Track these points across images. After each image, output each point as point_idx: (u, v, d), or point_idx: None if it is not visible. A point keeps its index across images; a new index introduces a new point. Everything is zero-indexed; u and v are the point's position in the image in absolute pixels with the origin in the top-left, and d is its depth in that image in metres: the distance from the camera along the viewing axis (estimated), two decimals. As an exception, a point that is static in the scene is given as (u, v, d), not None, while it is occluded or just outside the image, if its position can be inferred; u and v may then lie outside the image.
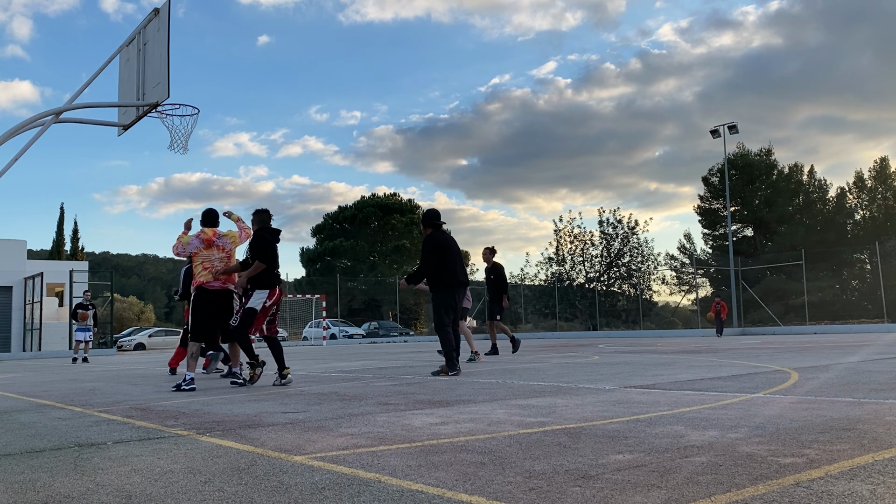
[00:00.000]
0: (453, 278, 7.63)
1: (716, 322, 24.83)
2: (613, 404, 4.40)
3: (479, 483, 2.36)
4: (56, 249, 45.32)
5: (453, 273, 7.63)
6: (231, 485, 2.45)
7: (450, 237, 8.01)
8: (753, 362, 8.18)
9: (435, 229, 7.84)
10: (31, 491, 2.46)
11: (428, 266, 7.67)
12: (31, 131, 8.42)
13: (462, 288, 7.82)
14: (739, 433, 3.16)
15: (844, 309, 35.70)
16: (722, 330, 24.78)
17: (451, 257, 7.71)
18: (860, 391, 4.70)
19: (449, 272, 7.63)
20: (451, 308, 7.67)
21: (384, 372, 8.51)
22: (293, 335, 37.72)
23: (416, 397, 5.22)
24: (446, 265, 7.66)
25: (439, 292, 7.67)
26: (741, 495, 2.09)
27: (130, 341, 36.11)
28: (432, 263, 7.64)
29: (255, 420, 4.17)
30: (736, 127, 32.92)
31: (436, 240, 7.74)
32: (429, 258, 7.66)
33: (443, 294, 7.65)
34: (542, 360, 9.96)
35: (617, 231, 40.14)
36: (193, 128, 9.09)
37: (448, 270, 7.63)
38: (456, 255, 7.80)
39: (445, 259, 7.67)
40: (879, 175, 40.88)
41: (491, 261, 12.09)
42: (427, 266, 7.68)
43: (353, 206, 52.40)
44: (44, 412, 5.08)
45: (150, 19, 8.57)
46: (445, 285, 7.65)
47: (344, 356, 13.00)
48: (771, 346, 13.47)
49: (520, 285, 42.13)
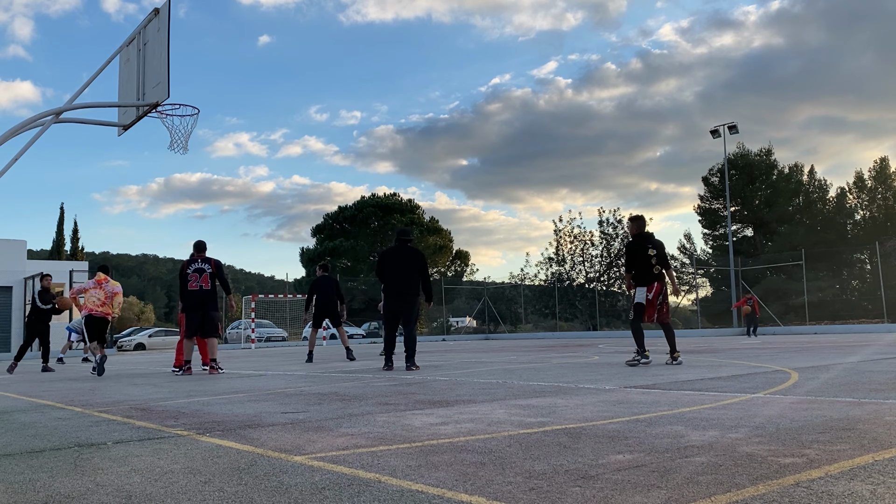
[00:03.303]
0: (389, 288, 8.85)
1: (746, 320, 23.00)
2: (613, 404, 4.40)
3: (479, 483, 2.36)
4: (56, 249, 45.32)
5: (389, 283, 8.86)
6: (231, 485, 2.45)
7: (399, 252, 9.00)
8: (753, 362, 8.18)
9: (396, 244, 9.06)
10: (31, 491, 2.45)
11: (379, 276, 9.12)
12: (31, 131, 8.41)
13: (397, 297, 8.86)
14: (739, 433, 3.16)
15: (844, 309, 35.68)
16: (756, 329, 22.92)
17: (394, 270, 8.84)
18: (860, 391, 4.70)
19: (386, 282, 8.91)
20: (392, 313, 8.91)
21: (384, 372, 8.51)
22: (293, 335, 37.70)
23: (416, 397, 5.22)
24: (386, 276, 8.88)
25: (385, 299, 9.01)
26: (741, 495, 2.09)
27: (130, 341, 36.11)
28: (377, 273, 9.12)
29: (255, 420, 4.17)
30: (736, 127, 32.93)
31: (381, 255, 9.06)
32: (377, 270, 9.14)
33: (386, 301, 8.97)
34: (542, 360, 9.96)
35: (617, 231, 40.12)
36: (193, 128, 9.08)
37: (386, 281, 8.91)
38: (399, 268, 8.90)
39: (384, 271, 8.91)
40: (879, 175, 40.87)
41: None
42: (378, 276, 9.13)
43: (353, 207, 52.38)
44: (44, 412, 5.08)
45: (150, 19, 8.57)
46: (385, 293, 8.94)
47: (344, 356, 12.99)
48: (771, 346, 13.47)
49: (520, 285, 42.14)
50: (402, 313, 8.84)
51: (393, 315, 8.91)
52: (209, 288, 9.55)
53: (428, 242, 51.06)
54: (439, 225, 53.70)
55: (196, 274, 9.55)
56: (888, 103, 66.33)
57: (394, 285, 8.76)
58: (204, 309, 9.49)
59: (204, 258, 9.69)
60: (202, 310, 9.49)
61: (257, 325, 30.21)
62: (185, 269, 9.67)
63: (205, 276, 9.55)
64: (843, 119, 78.85)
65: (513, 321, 41.54)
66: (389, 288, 8.80)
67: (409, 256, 8.91)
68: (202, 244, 9.81)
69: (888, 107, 65.76)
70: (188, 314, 9.51)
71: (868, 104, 71.19)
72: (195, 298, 9.48)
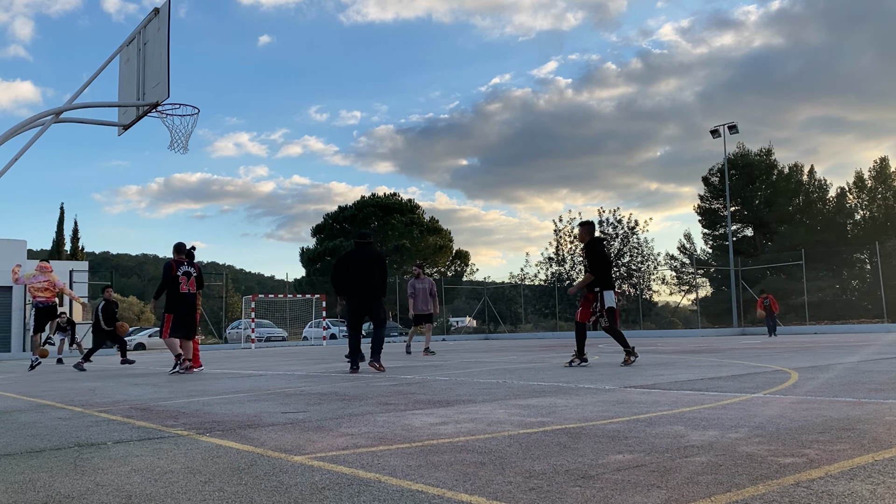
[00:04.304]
0: (354, 290, 8.75)
1: (766, 319, 22.33)
2: (613, 404, 4.40)
3: (479, 483, 2.36)
4: (56, 249, 45.30)
5: (354, 286, 8.75)
6: (231, 485, 2.45)
7: (358, 254, 8.93)
8: (753, 362, 8.17)
9: (356, 247, 9.00)
10: (31, 491, 2.45)
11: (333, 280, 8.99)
12: (31, 131, 8.41)
13: (363, 298, 8.77)
14: (739, 433, 3.16)
15: (844, 309, 35.67)
16: (775, 328, 22.25)
17: (359, 272, 8.76)
18: (860, 391, 4.70)
19: (350, 285, 8.77)
20: (359, 314, 8.83)
21: (382, 372, 8.51)
22: (293, 335, 37.70)
23: (416, 397, 5.22)
24: (350, 279, 8.75)
25: (349, 301, 8.83)
26: (741, 495, 2.09)
27: (130, 341, 36.09)
28: (333, 277, 8.98)
29: (255, 420, 4.17)
30: (736, 127, 32.92)
31: (342, 258, 8.99)
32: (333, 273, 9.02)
33: (347, 302, 8.85)
34: (542, 360, 9.96)
35: (617, 231, 40.14)
36: (193, 128, 9.09)
37: (349, 283, 8.77)
38: (365, 270, 8.83)
39: (347, 273, 8.78)
40: (879, 175, 40.83)
41: None
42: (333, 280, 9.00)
43: (353, 207, 52.36)
44: (44, 412, 5.08)
45: (150, 19, 8.57)
46: (348, 295, 8.80)
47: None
48: (771, 346, 13.47)
49: (520, 285, 42.15)
50: (370, 314, 8.79)
51: (359, 316, 8.86)
52: (195, 291, 9.97)
53: (428, 242, 51.07)
54: (439, 225, 53.70)
55: (185, 277, 9.85)
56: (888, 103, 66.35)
57: (361, 286, 8.71)
58: (193, 312, 9.89)
59: (189, 262, 10.04)
60: (194, 313, 9.90)
61: (257, 325, 30.23)
62: (174, 270, 9.83)
63: (192, 280, 9.90)
64: (843, 119, 78.88)
65: (513, 321, 41.54)
66: (355, 290, 8.72)
67: (372, 258, 8.89)
68: (184, 246, 10.10)
69: (888, 107, 65.78)
70: (178, 317, 9.78)
71: (868, 104, 71.22)
72: (188, 302, 9.81)
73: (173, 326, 9.75)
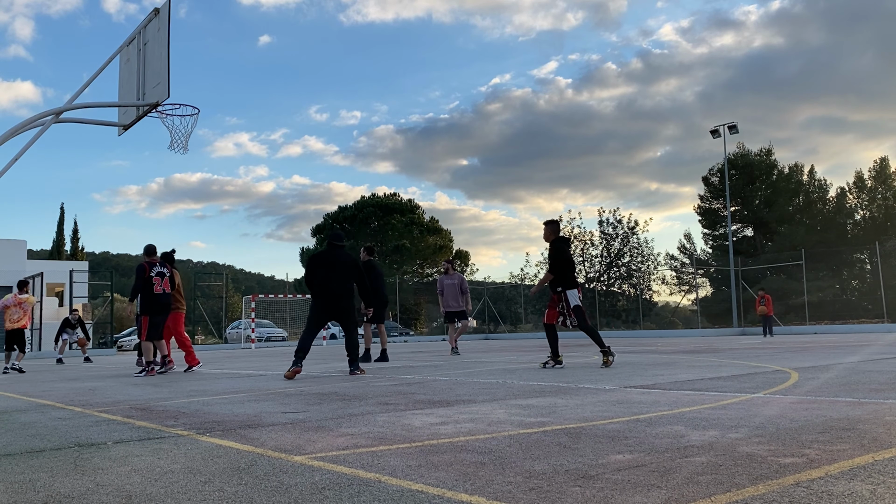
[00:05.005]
0: (321, 290, 8.49)
1: (761, 318, 21.73)
2: (613, 404, 4.40)
3: (480, 483, 2.36)
4: (56, 249, 45.34)
5: (321, 286, 8.49)
6: (231, 485, 2.45)
7: (329, 254, 8.67)
8: (753, 362, 8.18)
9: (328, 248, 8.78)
10: (31, 491, 2.46)
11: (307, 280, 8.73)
12: (31, 131, 8.42)
13: (329, 299, 8.44)
14: (739, 433, 3.16)
15: (844, 309, 35.68)
16: (771, 329, 21.66)
17: (329, 273, 8.51)
18: (860, 391, 4.70)
19: (318, 285, 8.50)
20: (324, 315, 8.49)
21: (384, 372, 8.51)
22: (293, 335, 37.70)
23: (416, 397, 5.22)
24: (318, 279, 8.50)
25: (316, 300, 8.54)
26: (741, 495, 2.09)
27: (130, 341, 36.08)
28: (305, 276, 8.76)
29: (255, 420, 4.17)
30: (736, 127, 32.92)
31: (313, 258, 8.70)
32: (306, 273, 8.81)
33: (314, 302, 8.55)
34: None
35: (617, 231, 40.17)
36: (193, 128, 9.10)
37: (317, 284, 8.51)
38: (334, 271, 8.56)
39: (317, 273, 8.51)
40: (879, 175, 40.85)
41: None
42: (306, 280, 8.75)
43: (354, 207, 52.37)
44: (44, 412, 5.08)
45: (150, 19, 8.57)
46: (315, 295, 8.53)
47: (344, 356, 12.97)
48: (771, 346, 13.47)
49: (520, 285, 42.15)
50: (338, 318, 8.55)
51: (323, 318, 8.53)
52: (170, 291, 10.03)
53: (428, 242, 51.07)
54: (439, 225, 53.71)
55: (158, 278, 9.88)
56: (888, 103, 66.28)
57: (330, 288, 8.44)
58: (167, 312, 9.98)
59: (162, 262, 10.10)
60: (166, 313, 9.99)
61: (257, 325, 30.25)
62: (147, 272, 9.86)
63: (166, 280, 9.94)
64: (843, 119, 78.75)
65: (513, 321, 41.54)
66: (324, 290, 8.46)
67: (342, 261, 8.69)
68: (155, 248, 10.15)
69: (888, 107, 65.71)
70: (154, 318, 9.84)
71: (868, 104, 71.13)
72: (162, 302, 9.88)
73: (154, 330, 9.82)
